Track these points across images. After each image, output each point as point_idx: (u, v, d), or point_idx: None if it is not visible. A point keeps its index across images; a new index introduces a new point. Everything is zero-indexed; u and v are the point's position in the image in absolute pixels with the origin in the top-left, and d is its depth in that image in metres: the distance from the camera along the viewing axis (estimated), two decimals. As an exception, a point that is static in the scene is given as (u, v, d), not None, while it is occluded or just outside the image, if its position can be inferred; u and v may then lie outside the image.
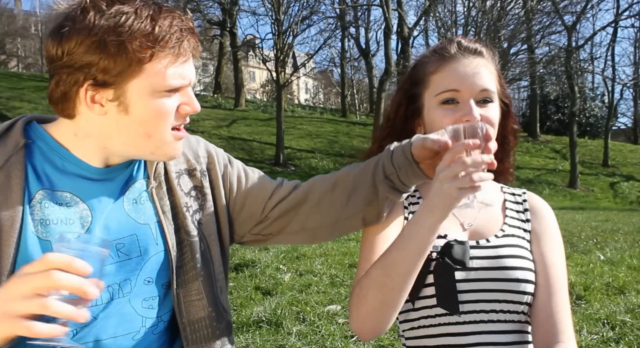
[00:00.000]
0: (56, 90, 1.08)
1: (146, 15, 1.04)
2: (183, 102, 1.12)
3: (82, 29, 1.02)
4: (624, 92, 36.16)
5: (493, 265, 1.22)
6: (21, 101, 24.63)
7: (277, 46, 22.20)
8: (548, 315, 1.20)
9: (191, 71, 1.13)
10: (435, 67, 1.28)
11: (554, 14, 26.15)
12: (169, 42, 1.05)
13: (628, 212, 15.41)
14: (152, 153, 1.13)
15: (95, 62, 1.02)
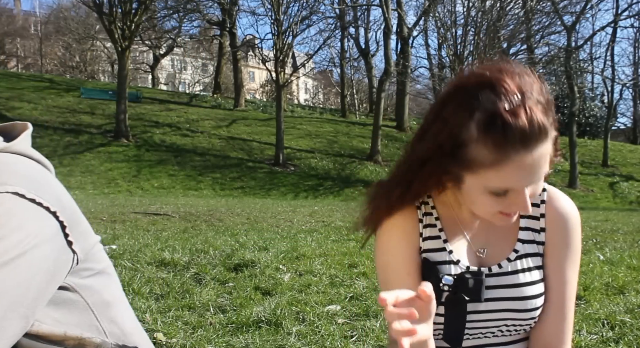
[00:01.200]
0: None
1: None
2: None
3: None
4: (623, 92, 36.28)
5: (506, 295, 1.17)
6: (20, 101, 24.62)
7: (276, 46, 22.21)
8: (555, 330, 1.19)
9: None
10: (490, 162, 1.01)
11: (554, 14, 26.18)
12: None
13: (627, 212, 15.43)
14: None
15: None
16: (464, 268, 1.20)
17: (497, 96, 0.99)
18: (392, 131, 27.98)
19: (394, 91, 33.52)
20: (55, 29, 42.31)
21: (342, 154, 24.34)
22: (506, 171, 1.01)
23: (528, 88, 1.01)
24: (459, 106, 1.02)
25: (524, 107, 0.98)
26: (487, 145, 0.99)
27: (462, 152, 1.02)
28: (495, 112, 0.97)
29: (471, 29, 25.65)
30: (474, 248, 1.21)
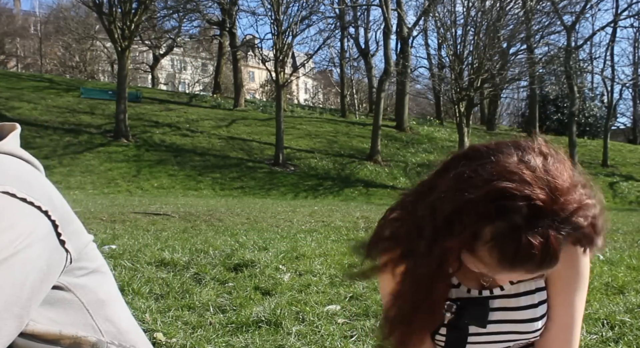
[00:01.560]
0: None
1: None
2: None
3: None
4: (623, 92, 36.25)
5: (508, 317, 1.16)
6: (20, 100, 24.62)
7: (276, 46, 22.20)
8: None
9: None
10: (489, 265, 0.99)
11: (553, 14, 26.18)
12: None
13: (627, 212, 15.43)
14: None
15: None
16: (464, 292, 1.18)
17: (526, 212, 0.92)
18: (391, 131, 27.97)
19: (393, 91, 33.52)
20: (55, 29, 42.29)
21: (342, 154, 24.34)
22: (501, 275, 1.01)
23: (563, 207, 0.93)
24: (485, 209, 0.94)
25: (547, 234, 0.92)
26: (493, 255, 0.96)
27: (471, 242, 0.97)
28: (515, 231, 0.92)
29: (471, 29, 25.63)
30: (476, 275, 1.17)
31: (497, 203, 0.93)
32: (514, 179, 0.93)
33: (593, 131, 34.25)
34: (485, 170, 0.97)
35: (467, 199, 0.96)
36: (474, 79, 24.14)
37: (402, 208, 1.14)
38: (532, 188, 0.92)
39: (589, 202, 0.96)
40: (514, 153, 0.98)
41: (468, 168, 1.00)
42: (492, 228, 0.93)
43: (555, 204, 0.92)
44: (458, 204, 0.97)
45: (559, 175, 0.95)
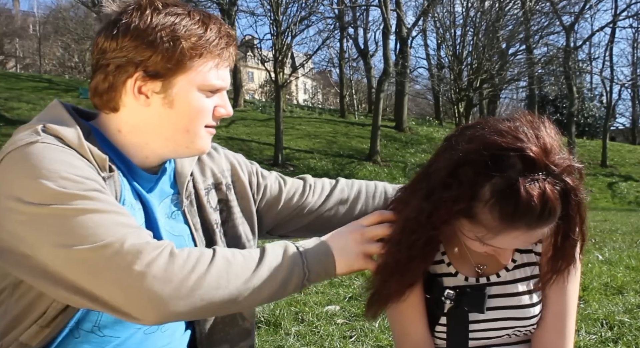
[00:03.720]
0: (103, 82, 1.11)
1: (198, 19, 1.12)
2: (219, 104, 1.18)
3: (138, 26, 1.07)
4: (622, 92, 36.18)
5: (504, 304, 1.19)
6: (19, 101, 24.61)
7: (275, 47, 22.20)
8: (556, 339, 1.20)
9: (229, 76, 1.20)
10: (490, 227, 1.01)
11: (553, 14, 26.21)
12: (217, 46, 1.12)
13: (626, 212, 15.45)
14: (187, 147, 1.17)
15: (147, 56, 1.08)
16: (462, 280, 1.20)
17: (521, 166, 0.96)
18: (391, 131, 27.97)
19: (392, 91, 33.52)
20: (54, 30, 42.27)
21: (341, 155, 24.35)
22: (501, 237, 1.02)
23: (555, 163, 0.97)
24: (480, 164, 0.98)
25: (544, 187, 0.95)
26: (494, 213, 0.98)
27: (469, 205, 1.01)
28: (513, 184, 0.95)
29: (470, 30, 25.67)
30: (472, 262, 1.22)
31: (491, 155, 0.97)
32: (506, 136, 0.99)
33: (592, 132, 34.28)
34: (477, 133, 1.03)
35: (462, 153, 1.01)
36: (473, 79, 24.17)
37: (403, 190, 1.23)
38: (523, 142, 0.97)
39: (577, 164, 1.01)
40: (503, 121, 1.04)
41: (460, 137, 1.06)
42: (490, 185, 0.97)
43: (547, 158, 0.97)
44: (453, 162, 1.02)
45: (546, 135, 1.00)
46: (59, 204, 0.96)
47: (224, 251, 1.05)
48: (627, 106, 45.20)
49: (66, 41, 40.47)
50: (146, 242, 0.97)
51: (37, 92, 26.56)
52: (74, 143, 1.04)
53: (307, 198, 1.41)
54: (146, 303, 0.93)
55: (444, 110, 36.21)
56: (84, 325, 1.09)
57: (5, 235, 0.99)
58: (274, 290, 1.06)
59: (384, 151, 24.98)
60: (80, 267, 0.95)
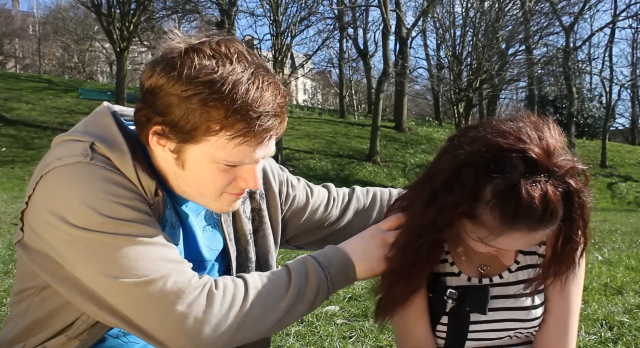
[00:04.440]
0: (136, 116, 1.06)
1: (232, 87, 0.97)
2: (242, 177, 1.06)
3: (169, 77, 0.98)
4: (621, 93, 36.14)
5: (507, 305, 1.19)
6: (19, 101, 24.59)
7: (275, 47, 22.22)
8: (558, 342, 1.20)
9: (263, 152, 1.04)
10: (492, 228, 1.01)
11: (552, 14, 26.22)
12: (242, 124, 0.98)
13: (626, 212, 15.45)
14: (205, 205, 1.12)
15: (167, 113, 0.99)
16: (465, 280, 1.20)
17: (523, 168, 0.95)
18: (390, 131, 27.98)
19: (392, 92, 33.52)
20: (54, 30, 42.24)
21: (341, 155, 24.35)
22: (503, 239, 1.02)
23: (558, 165, 0.97)
24: (482, 166, 0.98)
25: (546, 188, 0.94)
26: (495, 215, 0.98)
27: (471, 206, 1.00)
28: (514, 186, 0.94)
29: (470, 30, 25.68)
30: (476, 263, 1.21)
31: (493, 157, 0.97)
32: (508, 137, 0.98)
33: (592, 132, 34.29)
34: (480, 134, 1.02)
35: (464, 155, 1.00)
36: (473, 79, 24.17)
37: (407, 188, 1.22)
38: (526, 144, 0.96)
39: (581, 166, 1.01)
40: (506, 122, 1.03)
41: (463, 137, 1.05)
42: (492, 186, 0.97)
43: (550, 160, 0.96)
44: (456, 163, 1.01)
45: (550, 137, 0.99)
46: (104, 232, 0.96)
47: (254, 280, 1.06)
48: (627, 106, 45.28)
49: (66, 41, 40.46)
50: (188, 281, 0.98)
51: (37, 93, 26.53)
52: (123, 167, 1.03)
53: (331, 212, 1.42)
54: (186, 342, 0.96)
55: (443, 110, 36.22)
56: (111, 331, 1.11)
57: (43, 244, 1.00)
58: (303, 311, 1.09)
59: (383, 151, 24.98)
60: (121, 297, 0.96)
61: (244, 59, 1.01)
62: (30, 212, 1.02)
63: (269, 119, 1.00)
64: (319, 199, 1.42)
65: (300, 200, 1.39)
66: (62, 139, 1.07)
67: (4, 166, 18.69)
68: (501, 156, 0.96)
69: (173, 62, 0.98)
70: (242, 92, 0.97)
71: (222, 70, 0.97)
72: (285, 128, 1.07)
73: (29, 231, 1.03)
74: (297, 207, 1.38)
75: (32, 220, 1.02)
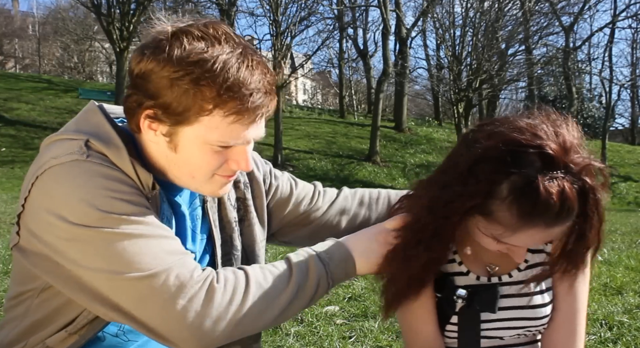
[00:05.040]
0: (125, 103, 1.07)
1: (222, 67, 0.98)
2: (234, 158, 1.07)
3: (159, 60, 0.99)
4: (621, 93, 36.12)
5: (517, 304, 1.19)
6: (19, 101, 24.59)
7: (275, 47, 22.21)
8: (566, 340, 1.20)
9: (255, 132, 1.05)
10: (507, 225, 1.01)
11: (552, 15, 26.23)
12: (234, 103, 0.99)
13: (625, 213, 15.44)
14: (195, 189, 1.13)
15: (159, 96, 1.00)
16: (473, 279, 1.20)
17: (540, 164, 0.95)
18: (390, 131, 27.98)
19: (392, 92, 33.52)
20: (54, 30, 42.22)
21: (341, 155, 24.34)
22: (518, 235, 1.02)
23: (574, 162, 0.96)
24: (498, 161, 0.98)
25: (563, 185, 0.94)
26: (512, 211, 0.98)
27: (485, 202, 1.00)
28: (532, 182, 0.94)
29: (469, 30, 25.66)
30: (484, 262, 1.22)
31: (510, 152, 0.97)
32: (525, 133, 0.97)
33: (591, 132, 34.26)
34: (496, 129, 1.01)
35: (480, 149, 1.00)
36: (473, 79, 24.16)
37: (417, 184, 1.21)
38: (542, 140, 0.96)
39: (598, 164, 0.99)
40: (523, 118, 1.03)
41: (479, 133, 1.05)
42: (508, 183, 0.97)
43: (567, 156, 0.96)
44: (472, 158, 1.01)
45: (567, 133, 0.99)
46: (104, 228, 0.96)
47: (255, 274, 1.06)
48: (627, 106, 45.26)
49: (65, 42, 40.43)
50: (190, 274, 0.99)
51: (37, 93, 26.53)
52: (120, 162, 1.03)
53: (316, 204, 1.42)
54: (187, 335, 0.97)
55: (443, 110, 36.21)
56: (110, 329, 1.12)
57: (42, 245, 1.00)
58: (303, 306, 1.10)
59: (383, 151, 24.97)
60: (124, 292, 0.97)
61: (232, 40, 1.02)
62: (27, 214, 1.02)
63: (261, 96, 1.01)
64: (303, 191, 1.42)
65: (284, 191, 1.39)
66: (53, 139, 1.07)
67: (4, 166, 18.69)
68: (518, 151, 0.96)
69: (162, 45, 0.99)
70: (233, 70, 0.98)
71: (211, 50, 0.99)
72: (274, 107, 1.08)
73: (25, 234, 1.02)
74: (280, 197, 1.38)
75: (30, 222, 1.01)
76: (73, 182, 0.98)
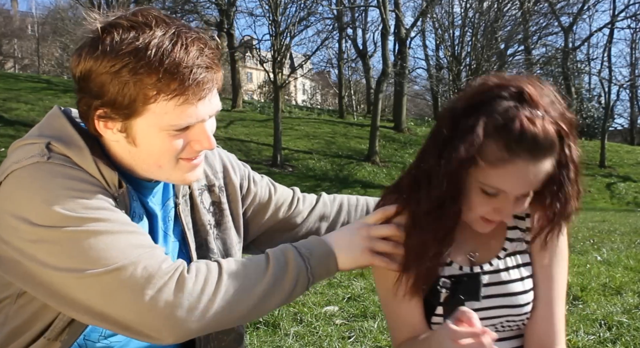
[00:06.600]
0: (79, 109, 1.08)
1: (156, 51, 0.98)
2: (195, 139, 1.07)
3: (95, 57, 0.99)
4: (620, 93, 36.12)
5: (497, 292, 1.21)
6: (18, 102, 24.57)
7: (274, 47, 22.21)
8: (546, 326, 1.22)
9: (207, 108, 1.05)
10: (496, 159, 1.04)
11: (551, 15, 26.25)
12: (175, 84, 0.99)
13: (625, 213, 15.45)
14: (167, 178, 1.13)
15: (104, 94, 1.00)
16: (457, 269, 1.23)
17: (521, 103, 1.04)
18: (389, 132, 27.97)
19: (391, 92, 33.51)
20: (53, 30, 42.21)
21: (340, 155, 24.34)
22: (506, 172, 1.05)
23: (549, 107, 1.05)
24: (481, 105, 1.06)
25: (543, 119, 1.03)
26: (499, 143, 1.03)
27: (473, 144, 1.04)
28: (515, 116, 1.02)
29: (469, 30, 25.69)
30: (465, 251, 1.24)
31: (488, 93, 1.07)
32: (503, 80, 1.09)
33: (591, 132, 34.29)
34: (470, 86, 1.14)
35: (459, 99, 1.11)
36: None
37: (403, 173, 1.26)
38: (521, 82, 1.06)
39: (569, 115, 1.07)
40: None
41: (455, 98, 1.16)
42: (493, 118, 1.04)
43: (541, 99, 1.05)
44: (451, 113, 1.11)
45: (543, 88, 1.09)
46: (68, 227, 0.96)
47: (229, 265, 1.05)
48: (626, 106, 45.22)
49: (65, 42, 40.40)
50: (159, 266, 0.98)
51: (36, 93, 26.51)
52: (82, 162, 1.03)
53: (295, 210, 1.42)
54: (160, 325, 0.96)
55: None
56: (92, 336, 1.11)
57: (11, 250, 0.99)
58: (281, 300, 1.08)
59: (382, 151, 24.98)
60: (92, 289, 0.95)
61: (163, 23, 1.02)
62: None
63: (202, 72, 1.01)
64: (282, 197, 1.42)
65: (263, 196, 1.38)
66: (17, 145, 1.07)
67: (3, 167, 18.68)
68: (500, 91, 1.05)
69: (94, 42, 1.00)
70: (167, 52, 0.98)
71: (142, 37, 0.99)
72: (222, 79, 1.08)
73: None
74: (259, 203, 1.38)
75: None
76: (35, 184, 0.98)
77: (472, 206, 1.13)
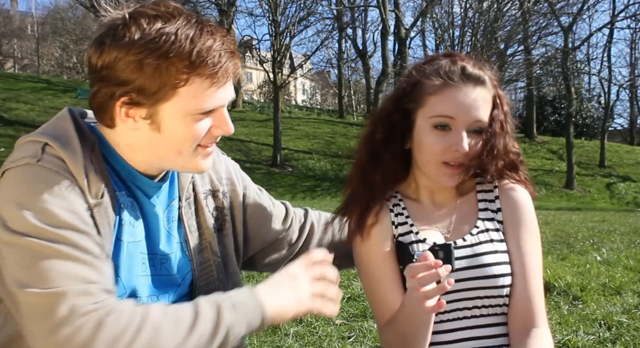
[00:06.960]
0: (94, 100, 1.07)
1: (186, 36, 1.03)
2: (216, 124, 1.11)
3: (122, 46, 1.01)
4: (620, 93, 36.19)
5: (471, 263, 1.27)
6: (17, 102, 24.58)
7: (274, 47, 22.22)
8: (525, 303, 1.26)
9: (228, 93, 1.11)
10: (434, 89, 1.25)
11: (551, 15, 26.22)
12: (206, 67, 1.04)
13: (624, 213, 15.44)
14: (182, 166, 1.15)
15: (131, 80, 1.02)
16: (430, 244, 1.30)
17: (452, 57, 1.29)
18: (389, 132, 27.97)
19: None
20: (52, 30, 42.24)
21: (340, 155, 24.36)
22: (447, 97, 1.24)
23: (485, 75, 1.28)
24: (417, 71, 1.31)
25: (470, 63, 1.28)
26: (437, 76, 1.25)
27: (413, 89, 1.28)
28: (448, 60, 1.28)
29: (468, 30, 25.70)
30: (440, 230, 1.34)
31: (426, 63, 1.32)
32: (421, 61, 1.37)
33: (590, 132, 34.30)
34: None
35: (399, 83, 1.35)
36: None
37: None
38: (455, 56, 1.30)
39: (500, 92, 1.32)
40: None
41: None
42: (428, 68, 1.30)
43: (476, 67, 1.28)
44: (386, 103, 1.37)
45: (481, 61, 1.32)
46: (35, 238, 0.95)
47: (154, 314, 0.98)
48: (625, 106, 45.24)
49: (64, 42, 40.44)
50: (83, 304, 0.93)
51: (36, 93, 26.52)
52: (73, 167, 1.03)
53: (290, 227, 1.45)
54: None
55: (442, 111, 36.16)
56: None
57: None
58: None
59: (382, 151, 24.98)
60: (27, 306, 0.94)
61: (183, 13, 1.07)
62: None
63: (228, 58, 1.07)
64: (279, 211, 1.44)
65: (264, 209, 1.41)
66: (22, 141, 1.09)
67: (3, 167, 18.68)
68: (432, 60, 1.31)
69: (118, 32, 1.02)
70: (196, 39, 1.03)
71: (170, 25, 1.03)
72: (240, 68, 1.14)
73: None
74: (261, 215, 1.39)
75: None
76: (18, 186, 0.99)
77: (428, 148, 1.25)
